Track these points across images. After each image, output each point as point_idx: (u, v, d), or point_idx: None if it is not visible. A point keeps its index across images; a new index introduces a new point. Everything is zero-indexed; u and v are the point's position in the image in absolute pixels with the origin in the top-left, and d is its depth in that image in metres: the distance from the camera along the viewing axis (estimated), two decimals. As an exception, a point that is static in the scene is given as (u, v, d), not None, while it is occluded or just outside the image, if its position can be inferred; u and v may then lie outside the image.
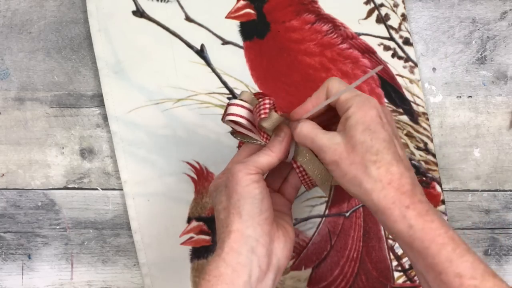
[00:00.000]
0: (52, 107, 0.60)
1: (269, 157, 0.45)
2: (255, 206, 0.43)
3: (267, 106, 0.44)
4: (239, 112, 0.46)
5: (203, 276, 0.42)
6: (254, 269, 0.42)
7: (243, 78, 0.58)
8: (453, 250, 0.38)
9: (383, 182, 0.40)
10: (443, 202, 0.59)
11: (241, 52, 0.58)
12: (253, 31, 0.58)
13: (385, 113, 0.44)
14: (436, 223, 0.39)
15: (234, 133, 0.49)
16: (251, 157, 0.46)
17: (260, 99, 0.46)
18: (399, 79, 0.59)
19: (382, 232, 0.60)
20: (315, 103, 0.45)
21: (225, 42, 0.58)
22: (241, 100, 0.47)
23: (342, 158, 0.41)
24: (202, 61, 0.58)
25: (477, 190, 0.61)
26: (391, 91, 0.59)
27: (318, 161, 0.48)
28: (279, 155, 0.46)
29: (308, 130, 0.44)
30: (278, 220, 0.47)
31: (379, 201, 0.40)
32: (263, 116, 0.44)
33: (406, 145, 0.59)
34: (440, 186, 0.59)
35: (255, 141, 0.48)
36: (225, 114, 0.47)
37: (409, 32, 0.58)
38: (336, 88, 0.44)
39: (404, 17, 0.58)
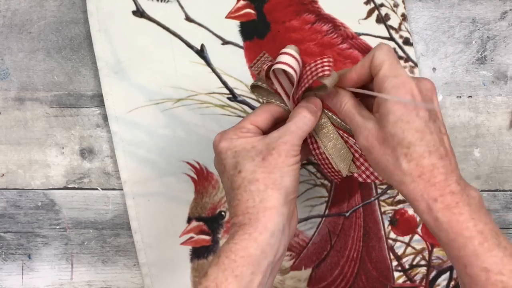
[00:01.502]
0: (52, 107, 0.60)
1: (307, 127, 0.44)
2: (294, 185, 0.42)
3: (330, 64, 0.42)
4: (290, 62, 0.43)
5: (227, 254, 0.40)
6: (280, 248, 0.42)
7: (243, 78, 0.58)
8: (480, 244, 0.37)
9: (413, 176, 0.39)
10: (443, 202, 0.59)
11: (241, 52, 0.58)
12: (253, 31, 0.58)
13: (424, 90, 0.41)
14: (465, 216, 0.38)
15: (254, 88, 0.47)
16: (289, 127, 0.43)
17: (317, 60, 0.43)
18: (399, 79, 0.59)
19: (382, 232, 0.60)
20: (359, 72, 0.43)
21: (225, 42, 0.58)
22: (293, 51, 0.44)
23: (374, 147, 0.41)
24: (202, 61, 0.58)
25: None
26: (391, 91, 0.59)
27: (341, 141, 0.47)
28: (312, 126, 0.45)
29: (349, 108, 0.43)
30: None
31: (408, 193, 0.40)
32: (327, 72, 0.41)
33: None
34: (440, 186, 0.59)
35: (278, 103, 0.46)
36: (276, 61, 0.44)
37: (409, 32, 0.58)
38: (379, 60, 0.41)
39: (404, 17, 0.58)
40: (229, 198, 0.44)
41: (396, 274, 0.60)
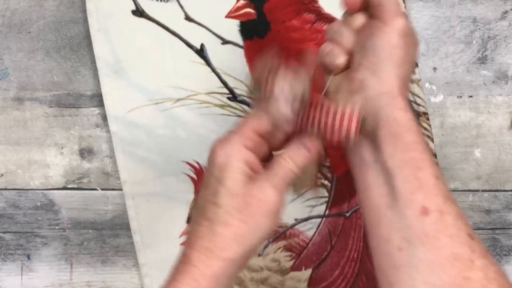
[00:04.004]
0: (51, 107, 0.60)
1: (291, 174, 0.40)
2: (262, 241, 0.39)
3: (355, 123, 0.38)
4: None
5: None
6: None
7: (243, 78, 0.58)
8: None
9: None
10: (443, 202, 0.59)
11: (241, 51, 0.58)
12: (253, 30, 0.58)
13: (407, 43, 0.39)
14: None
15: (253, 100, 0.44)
16: (277, 175, 0.39)
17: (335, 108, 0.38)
18: (399, 79, 0.58)
19: (383, 233, 0.60)
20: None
21: (225, 42, 0.58)
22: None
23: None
24: (202, 61, 0.58)
25: (477, 190, 0.61)
26: (392, 91, 0.58)
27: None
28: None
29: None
30: None
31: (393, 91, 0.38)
32: (353, 135, 0.38)
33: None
34: (441, 186, 0.59)
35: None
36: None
37: (409, 32, 0.58)
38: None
39: (404, 17, 0.58)
40: (197, 215, 0.40)
41: (397, 274, 0.60)
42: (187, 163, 0.59)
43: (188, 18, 0.58)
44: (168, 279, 0.38)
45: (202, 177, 0.59)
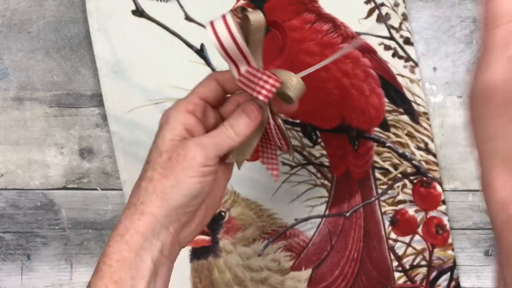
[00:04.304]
0: (51, 107, 0.60)
1: (232, 143, 0.40)
2: (186, 200, 0.38)
3: (272, 89, 0.37)
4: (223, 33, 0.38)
5: (104, 260, 0.38)
6: (155, 254, 0.39)
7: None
8: None
9: None
10: (443, 202, 0.59)
11: (241, 51, 0.58)
12: (253, 30, 0.58)
13: None
14: None
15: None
16: (213, 136, 0.39)
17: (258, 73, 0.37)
18: (399, 78, 0.58)
19: (383, 233, 0.60)
20: None
21: (225, 42, 0.58)
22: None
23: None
24: (202, 61, 0.58)
25: (478, 190, 0.60)
26: (392, 91, 0.58)
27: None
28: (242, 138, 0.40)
29: None
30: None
31: None
32: (261, 97, 0.37)
33: (407, 145, 0.59)
34: (441, 186, 0.59)
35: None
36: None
37: (409, 32, 0.58)
38: None
39: (404, 17, 0.58)
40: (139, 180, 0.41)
41: (397, 274, 0.60)
42: (187, 163, 0.59)
43: (188, 18, 0.58)
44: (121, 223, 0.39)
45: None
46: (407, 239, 0.60)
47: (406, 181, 0.59)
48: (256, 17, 0.37)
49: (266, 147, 0.46)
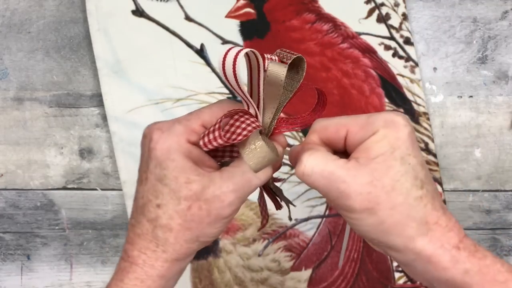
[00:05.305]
0: (51, 107, 0.60)
1: (254, 187, 0.35)
2: (201, 247, 0.36)
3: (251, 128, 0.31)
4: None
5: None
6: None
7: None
8: None
9: (430, 223, 0.32)
10: (444, 202, 0.59)
11: (241, 51, 0.58)
12: (253, 30, 0.58)
13: None
14: (489, 259, 0.32)
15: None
16: (237, 179, 0.34)
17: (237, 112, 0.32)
18: (399, 78, 0.58)
19: (383, 233, 0.60)
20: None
21: (225, 42, 0.58)
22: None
23: (380, 203, 0.31)
24: (202, 61, 0.58)
25: (478, 190, 0.60)
26: (392, 91, 0.58)
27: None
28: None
29: (320, 166, 0.32)
30: None
31: (424, 247, 0.31)
32: (240, 138, 0.31)
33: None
34: (441, 186, 0.59)
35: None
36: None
37: (410, 32, 0.58)
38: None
39: (405, 17, 0.58)
40: (136, 213, 0.37)
41: (397, 274, 0.60)
42: (187, 163, 0.59)
43: (188, 18, 0.58)
44: (113, 278, 0.37)
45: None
46: (407, 239, 0.60)
47: (406, 181, 0.59)
48: (274, 69, 0.32)
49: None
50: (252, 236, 0.60)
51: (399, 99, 0.58)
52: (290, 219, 0.41)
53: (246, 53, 0.31)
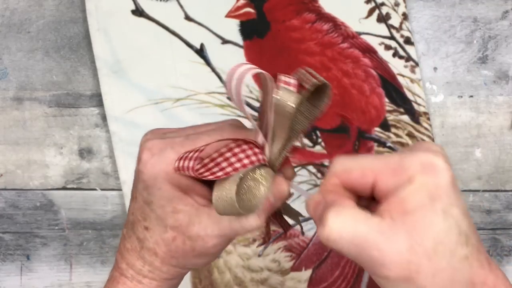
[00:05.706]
0: (50, 107, 0.60)
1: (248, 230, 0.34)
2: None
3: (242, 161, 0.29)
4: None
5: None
6: None
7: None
8: None
9: (476, 284, 0.27)
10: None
11: (241, 51, 0.58)
12: (253, 30, 0.58)
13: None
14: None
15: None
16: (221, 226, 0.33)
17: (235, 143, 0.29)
18: (400, 78, 0.58)
19: (383, 233, 0.60)
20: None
21: (225, 42, 0.58)
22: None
23: (420, 271, 0.26)
24: (202, 61, 0.58)
25: (478, 191, 0.60)
26: (392, 91, 0.58)
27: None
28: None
29: (349, 230, 0.27)
30: None
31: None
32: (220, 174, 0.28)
33: (408, 145, 0.59)
34: (441, 186, 0.59)
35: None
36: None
37: (410, 31, 0.58)
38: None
39: (405, 16, 0.58)
40: (128, 226, 0.36)
41: (397, 275, 0.60)
42: (187, 163, 0.59)
43: (188, 18, 0.58)
44: (106, 285, 0.37)
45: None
46: (407, 239, 0.60)
47: (407, 181, 0.59)
48: (283, 97, 0.28)
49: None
50: (252, 236, 0.60)
51: (399, 99, 0.58)
52: (303, 233, 0.40)
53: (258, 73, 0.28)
